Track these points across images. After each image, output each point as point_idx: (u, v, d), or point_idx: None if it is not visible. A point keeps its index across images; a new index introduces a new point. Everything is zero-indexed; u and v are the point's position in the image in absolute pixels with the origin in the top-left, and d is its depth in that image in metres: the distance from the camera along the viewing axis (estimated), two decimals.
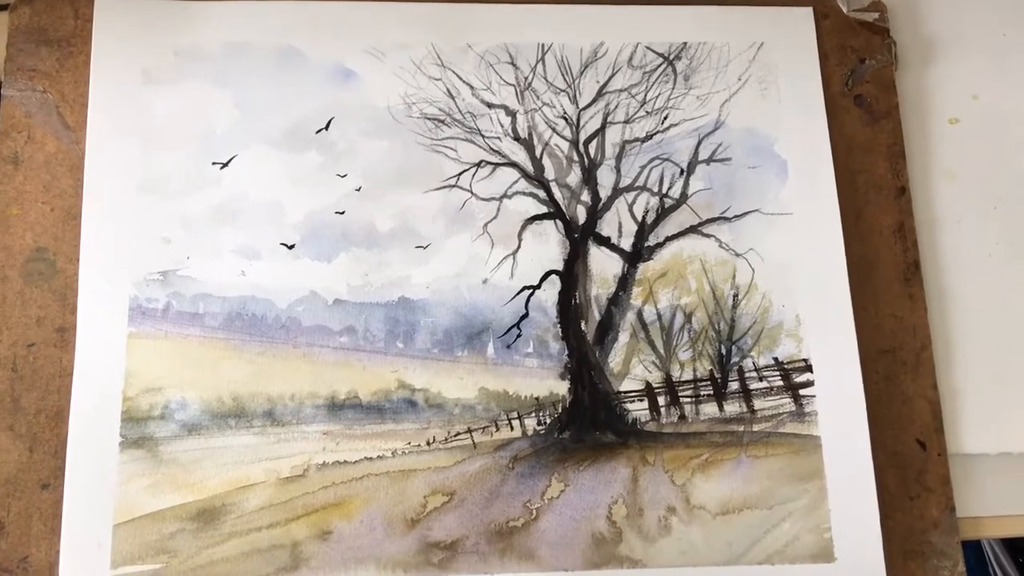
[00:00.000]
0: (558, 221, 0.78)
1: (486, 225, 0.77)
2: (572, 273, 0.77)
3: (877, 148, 0.81)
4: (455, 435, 0.73)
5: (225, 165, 0.76)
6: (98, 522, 0.68)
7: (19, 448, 0.70)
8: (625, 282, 0.77)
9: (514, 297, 0.76)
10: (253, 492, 0.70)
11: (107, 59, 0.76)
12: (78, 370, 0.71)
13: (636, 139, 0.80)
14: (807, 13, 0.83)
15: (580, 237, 0.78)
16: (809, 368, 0.76)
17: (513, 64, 0.80)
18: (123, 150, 0.75)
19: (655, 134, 0.80)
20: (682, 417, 0.75)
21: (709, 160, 0.80)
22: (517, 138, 0.79)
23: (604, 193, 0.79)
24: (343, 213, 0.76)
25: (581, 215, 0.78)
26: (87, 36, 0.77)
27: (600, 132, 0.80)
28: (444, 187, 0.78)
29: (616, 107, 0.80)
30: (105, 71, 0.76)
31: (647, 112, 0.80)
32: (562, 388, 0.75)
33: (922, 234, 0.81)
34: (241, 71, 0.78)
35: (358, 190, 0.77)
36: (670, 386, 0.76)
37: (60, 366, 0.71)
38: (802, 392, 0.75)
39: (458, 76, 0.80)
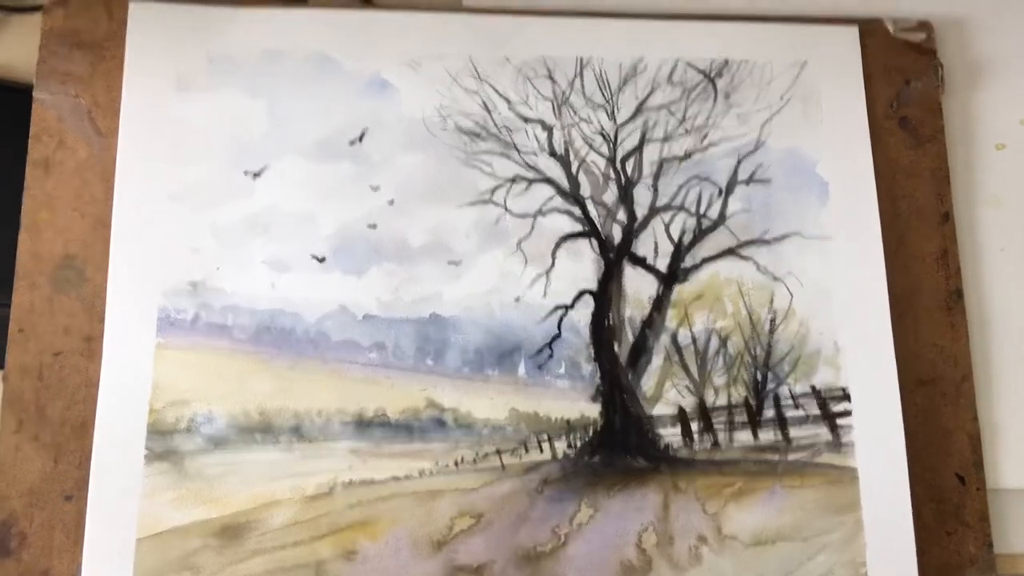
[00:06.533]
0: (593, 240, 0.77)
1: (520, 242, 0.76)
2: (606, 293, 0.76)
3: (921, 172, 0.79)
4: (484, 456, 0.72)
5: (257, 175, 0.75)
6: (121, 536, 0.68)
7: (43, 458, 0.69)
8: (660, 304, 0.76)
9: (547, 317, 0.75)
10: (278, 509, 0.69)
11: (141, 64, 0.75)
12: (104, 380, 0.70)
13: (674, 157, 0.78)
14: (852, 32, 0.81)
15: (615, 257, 0.76)
16: (847, 397, 0.74)
17: (551, 78, 0.79)
18: (155, 157, 0.74)
19: (694, 153, 0.78)
20: (715, 444, 0.74)
21: (749, 181, 0.78)
22: (553, 154, 0.78)
23: (640, 212, 0.77)
24: (375, 227, 0.75)
25: (616, 234, 0.77)
26: (121, 40, 0.76)
27: (638, 149, 0.78)
28: (478, 202, 0.76)
29: (655, 124, 0.79)
30: (138, 76, 0.75)
31: (686, 130, 0.79)
32: (593, 411, 0.73)
33: (965, 262, 0.79)
34: (275, 80, 0.76)
35: (391, 203, 0.75)
36: (704, 412, 0.74)
37: (86, 376, 0.70)
38: (839, 422, 0.74)
39: (495, 89, 0.78)
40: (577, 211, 0.77)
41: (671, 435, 0.74)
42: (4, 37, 0.78)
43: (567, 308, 0.75)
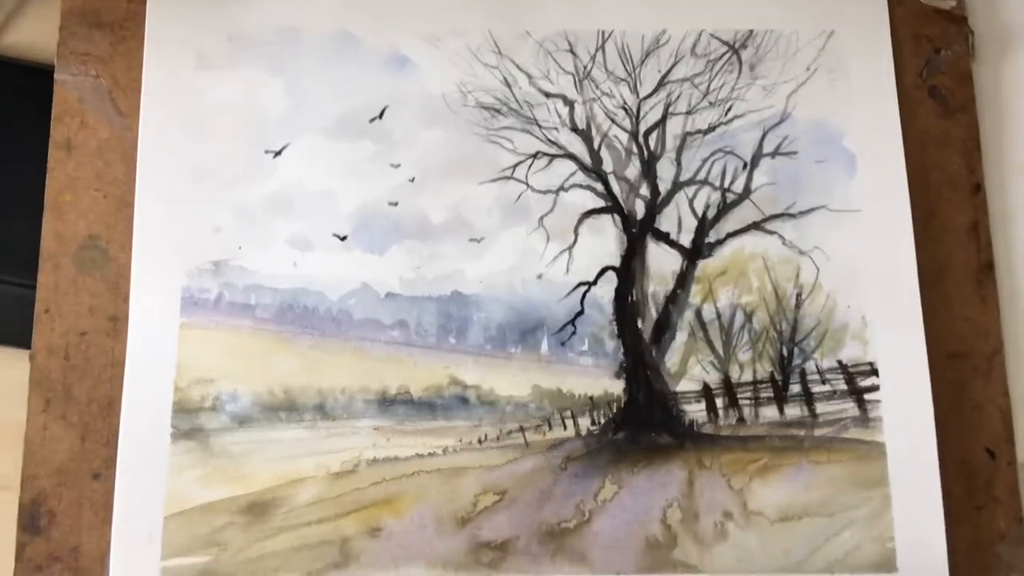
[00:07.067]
0: (616, 215, 0.76)
1: (542, 219, 0.75)
2: (629, 269, 0.75)
3: (951, 143, 0.78)
4: (507, 433, 0.72)
5: (278, 154, 0.75)
6: (149, 513, 0.68)
7: (71, 437, 0.70)
8: (684, 279, 0.75)
9: (569, 293, 0.74)
10: (303, 486, 0.70)
11: (161, 44, 0.75)
12: (130, 360, 0.70)
13: (698, 131, 0.77)
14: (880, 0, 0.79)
15: (638, 232, 0.76)
16: (875, 372, 0.73)
17: (572, 52, 0.78)
18: (176, 137, 0.74)
19: (718, 126, 0.77)
20: (741, 420, 0.73)
21: (774, 153, 0.77)
22: (575, 129, 0.77)
23: (664, 187, 0.76)
24: (396, 204, 0.75)
25: (639, 209, 0.76)
26: (140, 19, 0.76)
27: (661, 123, 0.77)
28: (499, 179, 0.76)
29: (678, 97, 0.78)
30: (158, 56, 0.75)
31: (710, 103, 0.78)
32: (617, 387, 0.73)
33: (997, 233, 0.77)
34: (295, 57, 0.76)
35: (412, 180, 0.75)
36: (729, 387, 0.74)
37: (112, 355, 0.71)
38: (867, 396, 0.73)
39: (515, 64, 0.77)
40: (600, 186, 0.76)
41: (696, 411, 0.73)
42: (24, 18, 0.79)
43: (590, 284, 0.74)
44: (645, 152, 0.77)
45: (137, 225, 0.72)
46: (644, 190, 0.76)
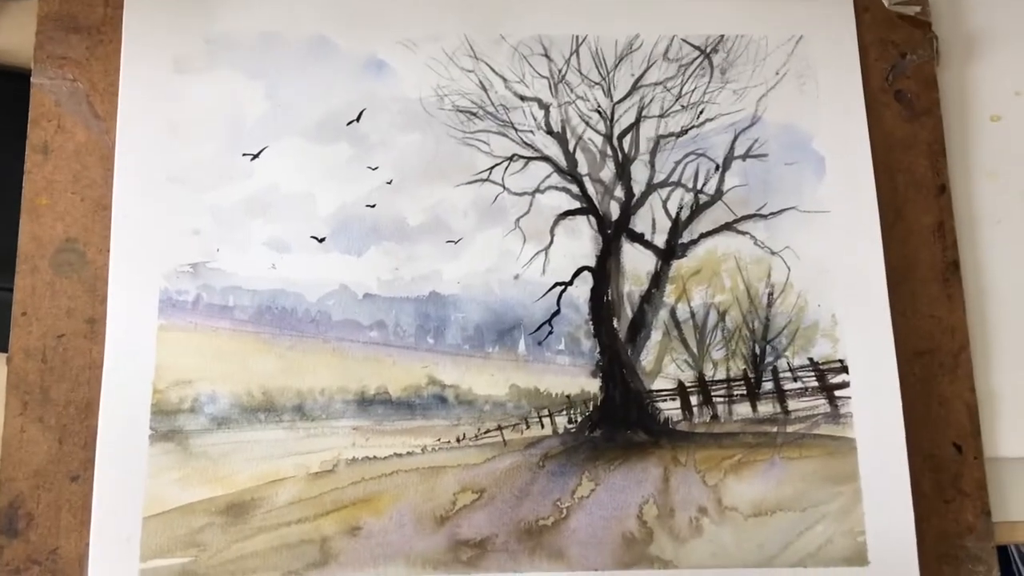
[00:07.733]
0: (591, 217, 0.77)
1: (518, 220, 0.76)
2: (604, 270, 0.76)
3: (917, 145, 0.80)
4: (485, 432, 0.73)
5: (256, 157, 0.75)
6: (128, 515, 0.68)
7: (49, 440, 0.70)
8: (658, 279, 0.76)
9: (546, 293, 0.75)
10: (283, 487, 0.70)
11: (138, 47, 0.75)
12: (108, 362, 0.70)
13: (671, 134, 0.79)
14: (847, 6, 0.81)
15: (613, 233, 0.77)
16: (845, 369, 0.75)
17: (547, 56, 0.79)
18: (153, 140, 0.74)
19: (690, 129, 0.79)
20: (715, 417, 0.74)
21: (745, 156, 0.78)
22: (550, 132, 0.78)
23: (638, 189, 0.78)
24: (374, 206, 0.75)
25: (614, 211, 0.77)
26: (117, 23, 0.76)
27: (634, 126, 0.79)
28: (476, 181, 0.77)
29: (651, 101, 0.79)
30: (136, 60, 0.75)
31: (682, 106, 0.79)
32: (593, 386, 0.74)
33: (962, 234, 0.79)
34: (272, 61, 0.77)
35: (389, 183, 0.76)
36: (703, 385, 0.75)
37: (90, 358, 0.71)
38: (837, 393, 0.74)
39: (491, 68, 0.78)
40: (575, 188, 0.77)
41: (671, 409, 0.74)
42: (1, 22, 0.79)
43: (566, 285, 0.75)
44: (619, 154, 0.78)
45: (114, 228, 0.72)
46: (619, 192, 0.77)
